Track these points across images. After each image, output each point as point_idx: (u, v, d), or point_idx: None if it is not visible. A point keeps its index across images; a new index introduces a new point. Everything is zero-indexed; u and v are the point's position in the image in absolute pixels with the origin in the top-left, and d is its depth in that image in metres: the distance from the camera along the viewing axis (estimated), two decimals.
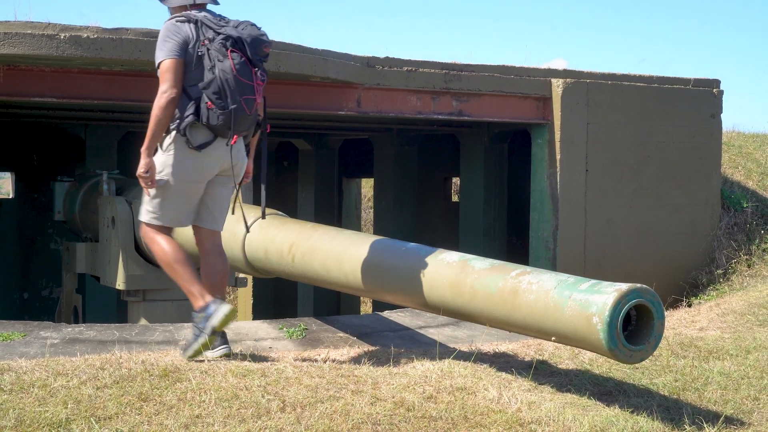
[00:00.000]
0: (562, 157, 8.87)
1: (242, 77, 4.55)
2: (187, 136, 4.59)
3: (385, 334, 6.48)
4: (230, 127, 4.57)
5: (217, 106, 4.53)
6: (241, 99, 4.55)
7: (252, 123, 4.75)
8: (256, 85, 4.62)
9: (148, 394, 4.04)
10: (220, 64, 4.52)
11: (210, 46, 4.55)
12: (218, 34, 4.57)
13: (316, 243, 5.45)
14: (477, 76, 8.58)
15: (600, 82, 9.10)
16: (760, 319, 7.06)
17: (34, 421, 3.71)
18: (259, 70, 4.65)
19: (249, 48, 4.59)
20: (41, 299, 13.00)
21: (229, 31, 4.58)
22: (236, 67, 4.52)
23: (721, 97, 9.83)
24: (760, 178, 11.14)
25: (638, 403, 4.55)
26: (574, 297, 4.10)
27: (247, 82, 4.56)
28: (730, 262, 9.45)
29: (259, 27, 4.73)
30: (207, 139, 4.63)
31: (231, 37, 4.56)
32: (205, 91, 4.54)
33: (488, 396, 4.35)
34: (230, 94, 4.52)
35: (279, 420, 3.86)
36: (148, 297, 7.35)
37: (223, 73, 4.51)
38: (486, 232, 10.35)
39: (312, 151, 13.51)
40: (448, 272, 4.70)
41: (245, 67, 4.57)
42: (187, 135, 4.59)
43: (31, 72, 6.76)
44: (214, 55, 4.54)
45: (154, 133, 4.57)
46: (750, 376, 5.35)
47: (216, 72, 4.52)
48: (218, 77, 4.51)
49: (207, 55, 4.55)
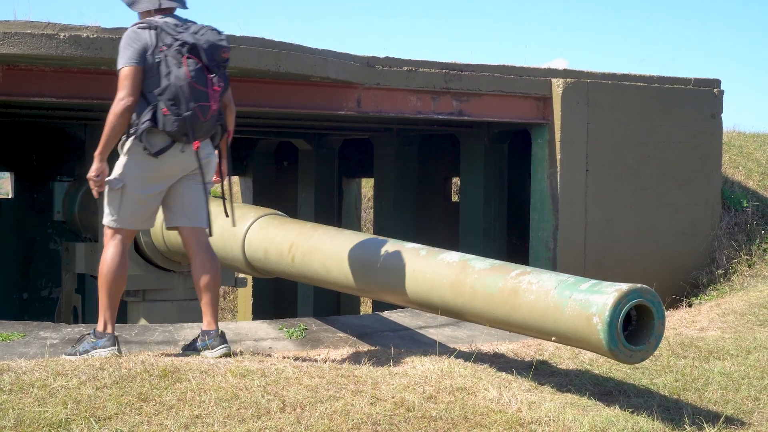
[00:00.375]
0: (563, 157, 8.86)
1: (197, 84, 4.59)
2: (144, 141, 4.65)
3: (385, 334, 6.48)
4: (187, 133, 4.63)
5: (172, 112, 4.58)
6: (195, 106, 4.60)
7: (211, 127, 4.79)
8: (212, 91, 4.66)
9: (147, 394, 4.04)
10: (176, 71, 4.57)
11: (167, 53, 4.60)
12: (176, 40, 4.61)
13: (316, 243, 5.44)
14: (477, 76, 8.57)
15: (600, 81, 9.09)
16: (761, 319, 7.06)
17: (33, 422, 3.71)
18: (215, 76, 4.68)
19: (205, 54, 4.62)
20: (41, 299, 12.99)
21: (186, 37, 4.62)
22: (191, 74, 4.57)
23: (722, 97, 9.82)
24: (761, 178, 11.14)
25: (638, 404, 4.55)
26: (575, 297, 4.09)
27: (201, 89, 4.61)
28: (731, 262, 9.45)
29: (220, 32, 4.76)
30: (164, 145, 4.68)
31: (187, 43, 4.60)
32: (161, 98, 4.60)
33: (488, 396, 4.34)
34: (184, 101, 4.58)
35: (279, 420, 3.86)
36: (147, 297, 7.35)
37: (177, 80, 4.56)
38: (486, 232, 10.34)
39: (312, 151, 13.50)
40: (448, 272, 4.69)
41: (201, 74, 4.61)
42: (143, 141, 4.65)
43: (31, 72, 6.75)
44: (171, 61, 4.59)
45: (108, 138, 4.66)
46: (750, 376, 5.35)
47: (171, 79, 4.57)
48: (173, 84, 4.57)
49: (164, 62, 4.60)
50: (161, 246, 7.08)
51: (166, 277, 7.35)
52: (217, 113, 4.78)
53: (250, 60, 6.98)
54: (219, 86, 4.70)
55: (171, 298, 7.35)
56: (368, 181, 15.73)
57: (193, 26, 4.73)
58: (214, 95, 4.67)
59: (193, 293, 7.47)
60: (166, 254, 7.17)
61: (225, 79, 4.79)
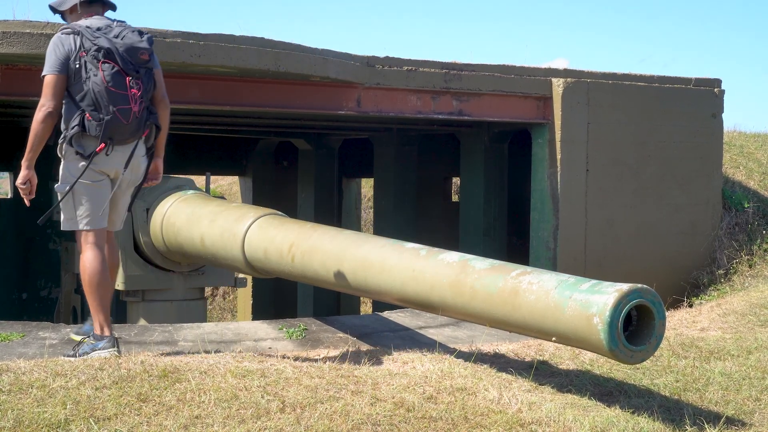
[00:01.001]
0: (563, 157, 8.86)
1: (114, 88, 4.66)
2: (75, 146, 4.76)
3: (385, 335, 6.47)
4: (111, 137, 4.71)
5: (93, 117, 4.67)
6: (115, 110, 4.66)
7: (136, 129, 4.83)
8: (131, 94, 4.71)
9: (147, 394, 4.03)
10: (93, 76, 4.64)
11: (86, 58, 4.66)
12: (93, 45, 4.66)
13: (315, 243, 5.43)
14: (477, 76, 8.56)
15: (601, 81, 9.08)
16: (762, 319, 7.05)
17: (32, 422, 3.70)
18: (134, 79, 4.72)
19: (121, 58, 4.67)
20: (40, 299, 12.98)
21: (102, 42, 4.67)
22: (107, 79, 4.63)
23: (723, 97, 9.81)
24: (762, 177, 11.13)
25: (639, 404, 4.54)
26: (575, 297, 4.09)
27: (120, 93, 4.67)
28: (732, 262, 9.44)
29: (143, 33, 4.82)
30: (95, 148, 4.76)
31: (102, 47, 4.65)
32: (82, 104, 4.69)
33: (488, 396, 4.34)
34: (104, 106, 4.65)
35: (279, 420, 3.85)
36: (147, 297, 7.33)
37: (95, 85, 4.64)
38: (486, 232, 10.33)
39: (312, 151, 13.50)
40: (448, 272, 4.68)
41: (118, 78, 4.67)
42: (74, 145, 4.75)
43: (30, 71, 6.73)
44: (89, 67, 4.66)
45: (32, 145, 4.77)
46: (751, 376, 5.34)
47: (89, 84, 4.65)
48: (91, 89, 4.65)
49: (83, 67, 4.67)
50: (161, 246, 7.07)
51: (165, 278, 7.34)
52: (144, 114, 4.84)
53: (250, 60, 6.97)
54: (138, 88, 4.74)
55: (170, 298, 7.33)
56: (368, 181, 15.73)
57: (115, 29, 4.77)
58: (134, 97, 4.73)
59: (193, 293, 7.51)
60: (165, 254, 7.16)
61: (148, 80, 4.84)
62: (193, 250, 6.65)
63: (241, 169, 14.98)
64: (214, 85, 7.47)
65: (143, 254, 7.28)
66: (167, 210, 6.97)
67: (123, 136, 4.77)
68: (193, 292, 7.50)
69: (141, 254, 7.29)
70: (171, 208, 6.97)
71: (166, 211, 6.96)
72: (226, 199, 8.35)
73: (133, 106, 4.71)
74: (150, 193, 7.29)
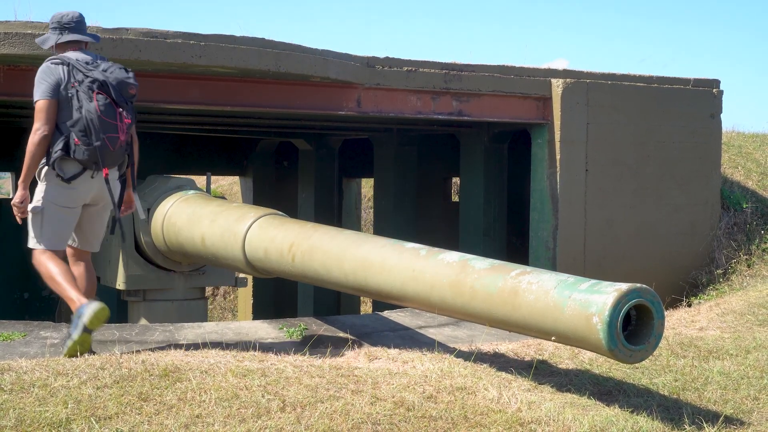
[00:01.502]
0: (562, 157, 8.87)
1: (106, 117, 4.98)
2: (57, 169, 5.04)
3: (385, 334, 6.48)
4: (97, 161, 5.02)
5: (83, 143, 4.97)
6: (104, 137, 4.97)
7: (119, 157, 5.15)
8: (121, 124, 5.04)
9: (148, 393, 4.04)
10: (87, 104, 4.95)
11: (78, 88, 4.98)
12: (87, 77, 4.99)
13: (316, 243, 5.45)
14: (477, 76, 8.58)
15: (600, 82, 9.10)
16: (760, 318, 7.06)
17: (34, 421, 3.71)
18: (124, 111, 5.05)
19: (114, 90, 5.01)
20: (41, 299, 12.98)
21: (96, 74, 5.00)
22: (101, 109, 4.96)
23: (721, 97, 9.83)
24: (760, 178, 11.14)
25: (638, 403, 4.55)
26: (574, 297, 4.10)
27: (111, 122, 4.99)
28: (730, 262, 9.45)
29: (128, 71, 5.14)
30: (76, 171, 5.07)
31: (97, 80, 4.99)
32: (73, 129, 4.98)
33: (488, 396, 4.35)
34: (95, 133, 4.95)
35: (279, 420, 3.86)
36: (148, 297, 7.35)
37: (88, 113, 4.94)
38: (486, 232, 10.34)
39: (312, 151, 13.50)
40: (448, 272, 4.69)
41: (110, 108, 5.00)
42: (56, 168, 5.04)
43: (31, 72, 6.69)
44: (82, 96, 4.97)
45: (29, 166, 5.06)
46: (750, 375, 5.35)
47: (83, 112, 4.95)
48: (84, 117, 4.95)
49: (76, 96, 4.98)
50: (161, 246, 7.09)
51: (166, 277, 7.35)
52: (125, 144, 5.14)
53: (250, 60, 6.98)
54: (128, 119, 5.08)
55: (171, 297, 7.35)
56: (368, 181, 15.74)
57: (102, 64, 5.11)
58: (122, 127, 5.05)
59: (194, 293, 7.53)
60: (166, 254, 7.17)
61: (132, 114, 5.17)
62: (193, 250, 6.67)
63: (241, 169, 14.98)
64: (214, 85, 7.48)
65: (144, 254, 7.29)
66: (168, 210, 6.99)
67: (108, 162, 5.07)
68: (194, 292, 7.52)
69: (142, 254, 7.31)
70: (172, 208, 6.98)
71: (167, 211, 6.98)
72: (227, 199, 8.36)
73: (120, 135, 5.04)
74: (151, 193, 7.31)
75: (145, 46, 6.54)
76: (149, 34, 6.59)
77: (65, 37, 5.19)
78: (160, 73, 7.16)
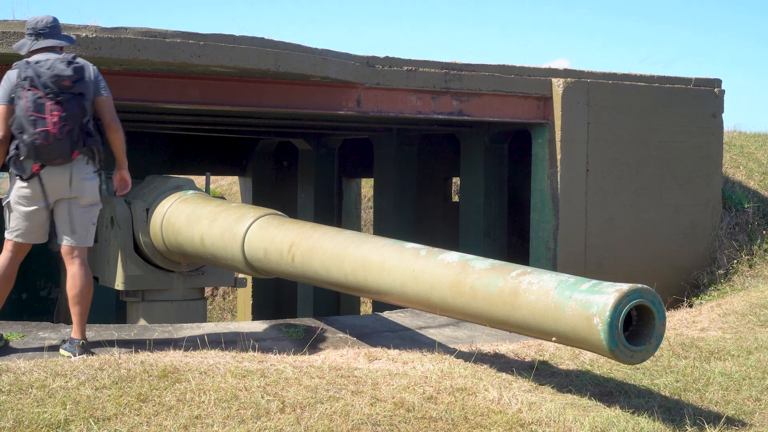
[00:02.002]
0: (563, 157, 8.85)
1: (34, 113, 5.14)
2: (13, 168, 5.27)
3: (385, 335, 6.47)
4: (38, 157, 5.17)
5: (21, 140, 5.17)
6: (35, 131, 5.12)
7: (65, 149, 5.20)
8: (50, 116, 5.14)
9: (147, 394, 4.03)
10: (20, 102, 5.17)
11: (18, 88, 5.20)
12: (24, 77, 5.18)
13: (316, 243, 5.43)
14: (477, 76, 8.56)
15: (601, 81, 9.08)
16: (762, 319, 7.05)
17: (32, 422, 3.70)
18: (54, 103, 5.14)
19: (42, 85, 5.14)
20: (40, 299, 12.98)
21: (29, 72, 5.18)
22: (28, 104, 5.13)
23: (723, 97, 9.81)
24: (762, 178, 11.13)
25: (639, 404, 4.54)
26: (575, 297, 4.08)
27: (39, 116, 5.14)
28: (732, 262, 9.44)
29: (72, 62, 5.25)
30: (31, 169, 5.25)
31: (28, 77, 5.17)
32: (13, 129, 5.21)
33: (489, 397, 4.33)
34: (26, 130, 5.15)
35: (278, 421, 3.85)
36: (147, 297, 7.33)
37: (19, 110, 5.16)
38: (486, 232, 10.33)
39: (312, 151, 13.49)
40: (448, 272, 4.68)
41: (39, 102, 5.14)
42: (13, 167, 5.27)
43: None
44: (19, 95, 5.18)
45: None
46: (751, 376, 5.34)
47: (17, 111, 5.18)
48: (17, 116, 5.17)
49: (17, 97, 5.20)
50: (160, 246, 7.07)
51: (165, 278, 7.33)
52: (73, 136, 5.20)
53: (250, 60, 6.97)
54: (57, 111, 5.15)
55: (170, 298, 7.33)
56: (368, 181, 15.73)
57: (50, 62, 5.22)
58: (52, 119, 5.14)
59: (193, 294, 7.50)
60: (165, 254, 7.15)
61: (74, 105, 5.21)
62: (193, 250, 6.65)
63: (241, 169, 14.97)
64: (214, 85, 7.47)
65: (143, 254, 7.27)
66: (167, 210, 6.97)
67: (49, 156, 5.19)
68: (193, 292, 7.49)
69: (141, 254, 7.29)
70: (171, 208, 6.96)
71: (166, 211, 6.96)
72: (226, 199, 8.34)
73: (51, 129, 5.13)
74: (150, 193, 7.29)
75: (144, 46, 6.52)
76: (148, 34, 6.57)
77: (40, 43, 5.37)
78: (159, 73, 7.15)
